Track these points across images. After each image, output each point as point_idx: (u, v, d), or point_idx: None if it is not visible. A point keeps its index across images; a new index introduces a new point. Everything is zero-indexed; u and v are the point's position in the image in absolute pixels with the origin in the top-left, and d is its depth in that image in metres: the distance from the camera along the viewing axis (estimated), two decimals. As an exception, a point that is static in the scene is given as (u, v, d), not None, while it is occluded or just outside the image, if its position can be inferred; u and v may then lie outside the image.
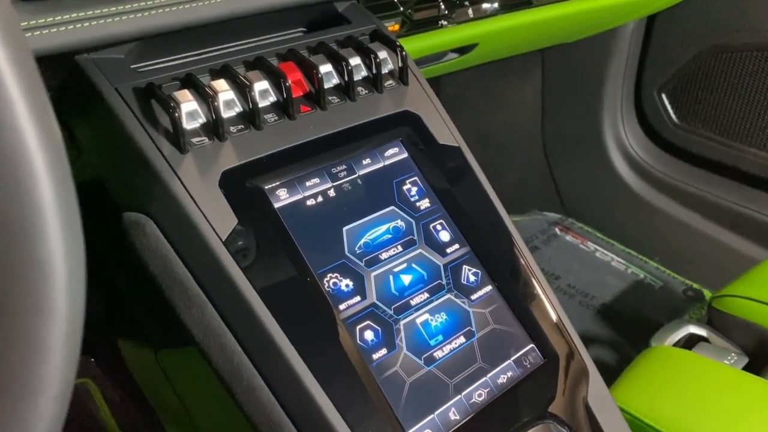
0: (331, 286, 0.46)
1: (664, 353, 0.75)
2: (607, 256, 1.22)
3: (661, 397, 0.67)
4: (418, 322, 0.47)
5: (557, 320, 0.52)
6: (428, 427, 0.44)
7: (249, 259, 0.43)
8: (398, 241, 0.50)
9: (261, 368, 0.42)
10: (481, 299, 0.50)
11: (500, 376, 0.48)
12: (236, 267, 0.43)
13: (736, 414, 0.63)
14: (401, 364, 0.45)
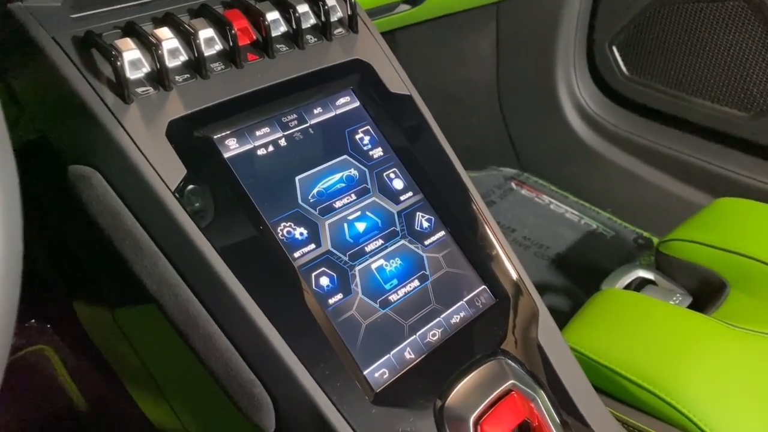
0: (285, 234, 0.46)
1: (613, 296, 0.78)
2: (561, 208, 1.25)
3: (610, 336, 0.70)
4: (373, 268, 0.48)
5: (508, 263, 0.53)
6: (384, 366, 0.45)
7: (199, 208, 0.43)
8: (352, 190, 0.50)
9: (217, 316, 0.42)
10: (435, 244, 0.51)
11: (453, 316, 0.49)
12: (187, 216, 0.42)
13: (681, 348, 0.67)
14: (357, 307, 0.46)
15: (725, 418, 0.60)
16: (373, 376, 0.44)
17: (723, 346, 0.67)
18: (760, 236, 0.82)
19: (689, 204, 1.11)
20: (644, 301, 0.76)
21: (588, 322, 0.73)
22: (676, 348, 0.67)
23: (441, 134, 0.56)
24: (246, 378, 0.42)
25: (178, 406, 0.64)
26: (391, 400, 0.43)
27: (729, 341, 0.67)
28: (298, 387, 0.41)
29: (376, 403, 0.43)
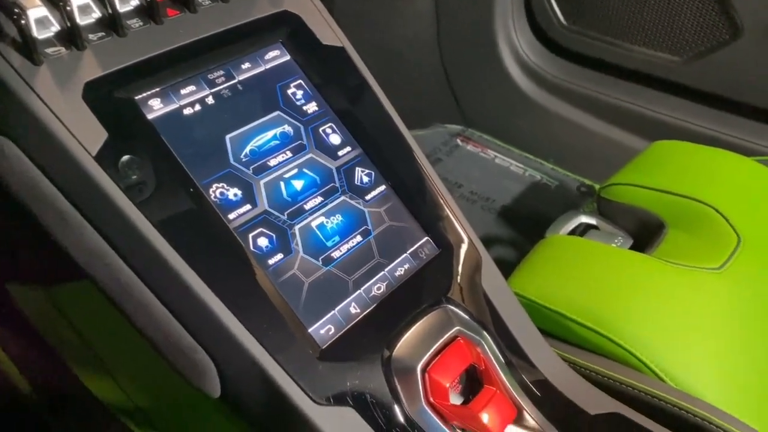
0: (218, 196, 0.44)
1: (557, 241, 0.79)
2: (506, 161, 1.27)
3: (555, 280, 0.72)
4: (314, 226, 0.47)
5: (450, 213, 0.53)
6: (330, 322, 0.44)
7: (125, 173, 0.41)
8: (287, 147, 0.49)
9: (151, 284, 0.41)
10: (376, 199, 0.51)
11: (397, 269, 0.49)
12: (111, 182, 0.40)
13: (623, 287, 0.69)
14: (299, 266, 0.45)
15: (668, 352, 0.63)
16: (319, 333, 0.44)
17: (663, 283, 0.69)
18: (695, 176, 0.84)
19: (629, 150, 1.13)
20: (587, 245, 0.77)
21: (533, 269, 0.74)
22: (618, 288, 0.69)
23: (378, 87, 0.55)
24: (186, 344, 0.41)
25: (124, 382, 0.62)
26: (337, 355, 0.43)
27: (669, 278, 0.70)
28: (240, 349, 0.41)
29: (322, 359, 0.42)
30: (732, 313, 0.68)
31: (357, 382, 0.43)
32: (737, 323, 0.67)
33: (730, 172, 0.84)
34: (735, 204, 0.79)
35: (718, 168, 0.85)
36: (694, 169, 0.86)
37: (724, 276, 0.70)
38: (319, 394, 0.41)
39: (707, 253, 0.74)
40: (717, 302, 0.68)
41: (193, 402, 0.51)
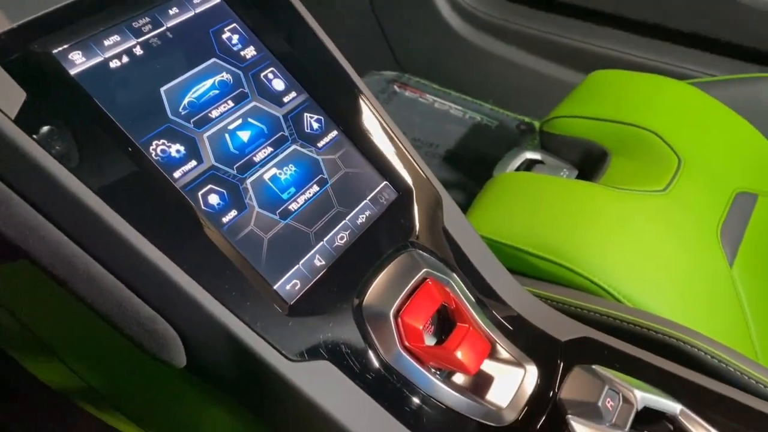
0: (159, 153, 0.41)
1: (506, 179, 0.79)
2: (445, 105, 1.25)
3: (508, 217, 0.72)
4: (266, 178, 0.45)
5: (406, 155, 0.51)
6: (295, 277, 0.42)
7: (51, 135, 0.37)
8: (228, 96, 0.45)
9: (97, 255, 0.37)
10: (329, 145, 0.48)
11: (359, 216, 0.47)
12: (38, 147, 0.36)
13: (575, 216, 0.70)
14: (255, 222, 0.43)
15: (623, 274, 0.64)
16: (285, 289, 0.42)
17: (612, 209, 0.71)
18: (633, 103, 0.86)
19: (565, 84, 1.14)
20: (535, 179, 0.78)
21: (485, 208, 0.74)
22: (570, 217, 0.70)
23: (318, 27, 0.52)
24: (144, 315, 0.38)
25: (74, 364, 0.59)
26: (307, 309, 0.41)
27: (617, 204, 0.71)
28: (204, 314, 0.38)
29: (291, 315, 0.41)
30: (678, 232, 0.70)
31: (330, 334, 0.41)
32: (684, 241, 0.70)
33: (666, 96, 0.86)
34: (673, 127, 0.81)
35: (655, 93, 0.87)
36: (632, 96, 0.88)
37: (669, 197, 0.72)
38: (292, 351, 0.40)
39: (651, 177, 0.76)
40: (664, 222, 0.70)
41: (155, 374, 0.48)
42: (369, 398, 0.41)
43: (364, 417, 0.40)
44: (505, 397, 0.45)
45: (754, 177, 0.79)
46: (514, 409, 0.44)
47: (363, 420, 0.40)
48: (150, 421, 0.61)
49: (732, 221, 0.74)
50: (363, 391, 0.41)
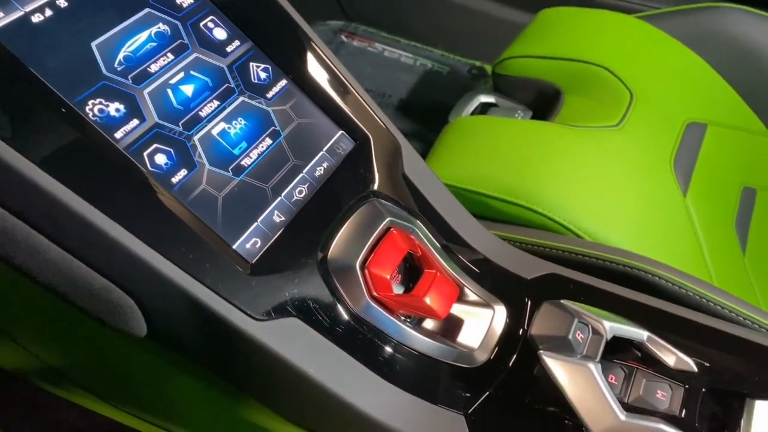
0: (97, 113, 0.38)
1: (461, 124, 0.78)
2: (395, 53, 1.23)
3: (466, 161, 0.71)
4: (215, 134, 0.42)
5: (361, 103, 0.49)
6: (254, 235, 0.41)
7: (-27, 100, 0.34)
8: (166, 49, 0.42)
9: (38, 225, 0.35)
10: (278, 96, 0.46)
11: (316, 168, 0.45)
12: (-42, 113, 0.33)
13: (532, 156, 0.70)
14: (207, 180, 0.41)
15: (581, 210, 0.65)
16: (245, 247, 0.40)
17: (568, 146, 0.71)
18: (583, 39, 0.85)
19: (515, 25, 1.13)
20: (491, 122, 0.77)
21: (443, 154, 0.73)
22: (527, 158, 0.70)
23: (256, -30, 0.49)
24: (97, 286, 0.36)
25: (29, 343, 0.56)
26: (269, 267, 0.40)
27: (572, 141, 0.71)
28: (161, 280, 0.36)
29: (254, 273, 0.39)
30: (633, 165, 0.71)
31: (295, 290, 0.40)
32: (638, 173, 0.70)
33: (614, 31, 0.86)
34: (623, 61, 0.81)
35: (603, 29, 0.86)
36: (581, 33, 0.87)
37: (623, 131, 0.73)
38: (257, 310, 0.38)
39: (604, 113, 0.76)
40: (619, 157, 0.71)
41: (116, 347, 0.46)
42: (340, 351, 0.40)
43: (336, 370, 0.40)
44: (476, 338, 0.45)
45: (703, 107, 0.81)
46: (485, 350, 0.44)
47: (335, 372, 0.39)
48: (117, 397, 0.60)
49: (684, 151, 0.75)
50: (334, 344, 0.40)
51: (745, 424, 0.37)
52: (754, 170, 0.83)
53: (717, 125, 0.80)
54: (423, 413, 0.41)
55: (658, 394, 0.40)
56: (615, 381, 0.41)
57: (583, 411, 0.37)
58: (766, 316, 0.54)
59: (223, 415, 0.47)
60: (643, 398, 0.40)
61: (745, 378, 0.40)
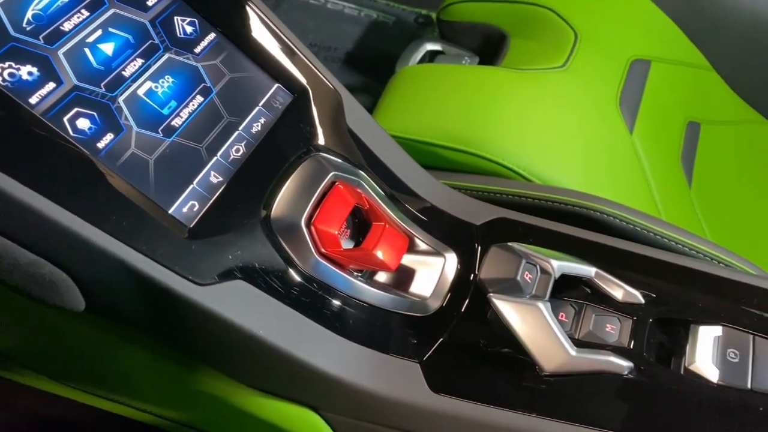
0: (8, 78, 0.35)
1: (408, 73, 0.77)
2: (339, 4, 1.19)
3: (414, 111, 0.70)
4: (141, 94, 0.40)
5: (296, 53, 0.47)
6: (191, 198, 0.39)
7: None
8: (80, 5, 0.39)
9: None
10: (207, 50, 0.44)
11: (252, 125, 0.44)
12: None
13: (481, 102, 0.69)
14: (136, 144, 0.39)
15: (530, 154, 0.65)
16: (182, 211, 0.39)
17: (515, 90, 0.70)
18: (526, -20, 0.84)
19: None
20: (438, 70, 0.76)
21: (390, 105, 0.72)
22: (475, 104, 0.69)
23: None
24: (24, 261, 0.34)
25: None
26: (210, 230, 0.39)
27: (519, 85, 0.70)
28: (94, 251, 0.35)
29: (193, 238, 0.38)
30: (580, 105, 0.71)
31: (240, 252, 0.39)
32: (585, 113, 0.71)
33: (558, -30, 0.84)
34: (567, 1, 0.80)
35: (546, -31, 0.85)
36: (525, -26, 0.85)
37: (568, 72, 0.73)
38: (201, 275, 0.37)
39: (550, 54, 0.75)
40: (565, 98, 0.71)
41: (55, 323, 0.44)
42: (291, 310, 0.40)
43: (287, 329, 0.39)
44: (428, 287, 0.45)
45: (647, 43, 0.81)
46: (438, 297, 0.44)
47: (286, 332, 0.39)
48: (69, 375, 0.58)
49: (629, 89, 0.75)
50: (283, 303, 0.39)
51: (689, 349, 0.39)
52: (697, 104, 0.84)
53: (661, 61, 0.80)
54: (378, 364, 0.40)
55: (607, 327, 0.41)
56: (565, 318, 0.42)
57: (535, 350, 0.38)
58: (710, 245, 0.56)
59: (177, 385, 0.46)
60: (593, 333, 0.41)
61: (690, 306, 0.41)
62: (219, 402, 0.44)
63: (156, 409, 0.50)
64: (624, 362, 0.38)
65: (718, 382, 0.37)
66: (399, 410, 0.40)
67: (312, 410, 0.42)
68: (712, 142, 0.83)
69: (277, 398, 0.42)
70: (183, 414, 0.50)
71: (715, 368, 0.37)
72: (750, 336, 0.38)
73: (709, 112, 0.85)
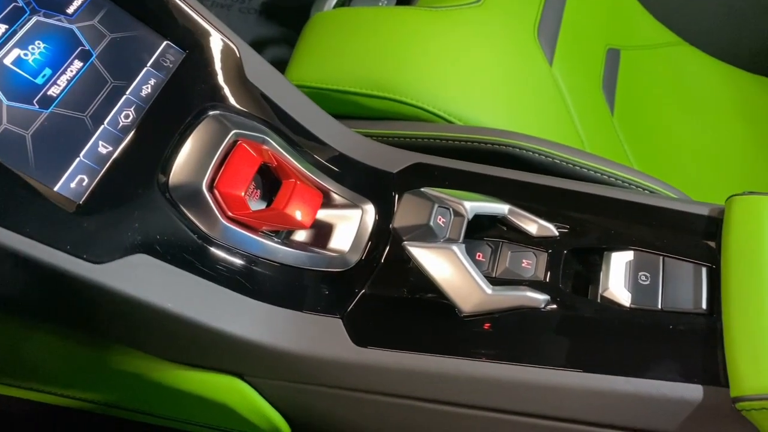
0: None
1: (322, 19, 0.74)
2: (251, -48, 1.13)
3: (331, 59, 0.67)
4: (9, 63, 0.37)
5: (185, 6, 0.44)
6: (79, 172, 0.37)
7: None
8: None
9: None
10: (82, 10, 0.40)
11: (142, 87, 0.41)
12: None
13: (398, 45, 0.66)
14: (8, 119, 0.35)
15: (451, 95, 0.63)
16: (69, 187, 0.36)
17: (431, 30, 0.68)
18: None
19: None
20: (351, 13, 0.73)
21: (304, 54, 0.69)
22: (391, 47, 0.67)
23: None
24: None
25: None
26: (103, 204, 0.36)
27: (435, 23, 0.68)
28: (-29, 238, 0.32)
29: (84, 214, 0.35)
30: (498, 40, 0.70)
31: (138, 224, 0.37)
32: (504, 47, 0.69)
33: None
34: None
35: None
36: None
37: (484, 6, 0.71)
38: (97, 253, 0.35)
39: (465, -11, 0.73)
40: (483, 34, 0.69)
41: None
42: (201, 279, 0.38)
43: (199, 299, 0.37)
44: (347, 241, 0.44)
45: (562, -28, 0.79)
46: (357, 250, 0.43)
47: (199, 302, 0.37)
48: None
49: (546, 20, 0.74)
50: (192, 274, 0.38)
51: (603, 276, 0.39)
52: (616, 30, 0.84)
53: (577, -11, 0.79)
54: (299, 324, 0.40)
55: (523, 263, 0.41)
56: (483, 258, 0.42)
57: (452, 292, 0.38)
58: (630, 171, 0.56)
59: (95, 368, 0.45)
60: (510, 270, 0.41)
61: (604, 234, 0.41)
62: (141, 380, 0.43)
63: (81, 394, 0.49)
64: (540, 295, 0.38)
65: (631, 306, 0.38)
66: (324, 368, 0.39)
67: (237, 377, 0.41)
68: (633, 68, 0.84)
69: (200, 369, 0.41)
70: (109, 396, 0.48)
71: (628, 292, 0.38)
72: (660, 257, 0.39)
73: (628, 37, 0.86)
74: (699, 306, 0.37)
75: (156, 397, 0.46)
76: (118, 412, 0.49)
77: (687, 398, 0.34)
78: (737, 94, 0.88)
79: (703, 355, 0.35)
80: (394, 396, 0.39)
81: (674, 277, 0.38)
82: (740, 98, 0.88)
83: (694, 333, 0.36)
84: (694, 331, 0.36)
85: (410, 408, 0.39)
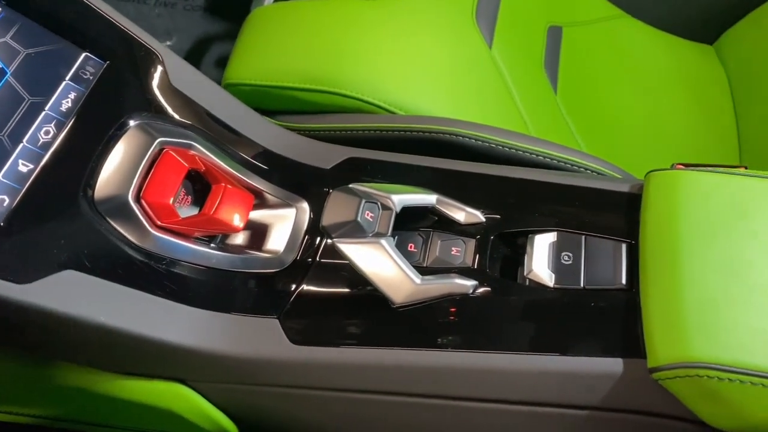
0: None
1: (260, 14, 0.73)
2: (192, -53, 1.11)
3: (270, 56, 0.67)
4: None
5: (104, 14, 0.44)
6: (1, 193, 0.36)
7: None
8: None
9: None
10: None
11: (62, 102, 0.41)
12: None
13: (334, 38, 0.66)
14: None
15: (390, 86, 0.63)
16: (-11, 209, 0.36)
17: (368, 19, 0.68)
18: None
19: None
20: (288, 7, 0.72)
21: (243, 51, 0.69)
22: (329, 39, 0.67)
23: None
24: None
25: None
26: (25, 223, 0.36)
27: (372, 12, 0.68)
28: None
29: (6, 234, 0.35)
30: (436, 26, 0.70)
31: (63, 241, 0.37)
32: (443, 33, 0.70)
33: None
34: None
35: None
36: None
37: (418, -9, 0.71)
38: (21, 273, 0.35)
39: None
40: (420, 21, 0.69)
41: None
42: (133, 290, 0.38)
43: (132, 310, 0.38)
44: (281, 241, 0.44)
45: (498, -48, 0.79)
46: (292, 250, 0.44)
47: (132, 313, 0.38)
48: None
49: (484, 3, 0.74)
50: (124, 286, 0.38)
51: (527, 258, 0.40)
52: (558, 7, 0.85)
53: (515, -32, 0.80)
54: (236, 327, 0.40)
55: (453, 251, 0.42)
56: (414, 248, 0.42)
57: (383, 285, 0.38)
58: (569, 152, 0.57)
59: (36, 385, 0.45)
60: (440, 258, 0.42)
61: (528, 217, 0.42)
62: (87, 393, 0.43)
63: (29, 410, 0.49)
64: (468, 281, 0.39)
65: (555, 285, 0.39)
66: (263, 368, 0.40)
67: (180, 383, 0.41)
68: (575, 44, 0.84)
69: (143, 378, 0.42)
70: (57, 410, 0.48)
71: (551, 273, 0.39)
72: (582, 237, 0.40)
73: (570, 13, 0.86)
74: (619, 282, 0.38)
75: (104, 408, 0.46)
76: (69, 425, 0.49)
77: (609, 372, 0.35)
78: (679, 64, 0.89)
79: (623, 329, 0.36)
80: (334, 390, 0.40)
81: (596, 255, 0.39)
82: (682, 67, 0.89)
83: (614, 308, 0.37)
84: (615, 306, 0.37)
85: (351, 401, 0.40)
